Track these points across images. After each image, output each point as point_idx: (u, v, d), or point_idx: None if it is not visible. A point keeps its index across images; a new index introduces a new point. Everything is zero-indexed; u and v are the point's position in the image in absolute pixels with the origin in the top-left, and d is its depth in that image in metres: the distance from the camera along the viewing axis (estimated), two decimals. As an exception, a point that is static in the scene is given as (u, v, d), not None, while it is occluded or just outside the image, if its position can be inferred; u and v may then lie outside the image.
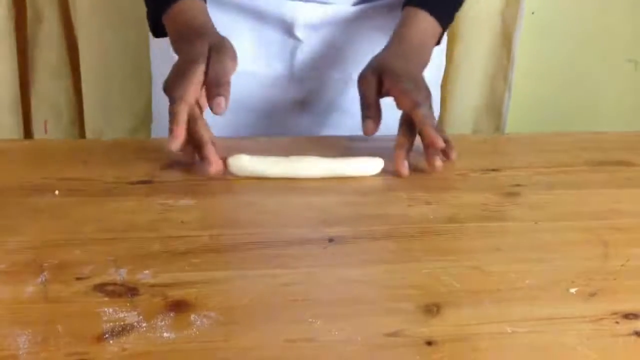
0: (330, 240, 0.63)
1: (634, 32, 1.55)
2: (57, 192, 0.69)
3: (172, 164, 0.76)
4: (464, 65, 1.45)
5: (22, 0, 1.36)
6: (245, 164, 0.73)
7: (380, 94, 0.79)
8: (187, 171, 0.75)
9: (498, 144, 0.93)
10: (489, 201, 0.72)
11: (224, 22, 0.91)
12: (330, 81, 0.95)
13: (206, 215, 0.67)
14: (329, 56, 0.94)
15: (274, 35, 0.92)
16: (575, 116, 1.57)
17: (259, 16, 0.91)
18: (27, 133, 1.44)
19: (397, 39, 0.85)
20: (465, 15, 1.41)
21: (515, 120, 1.52)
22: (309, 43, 0.92)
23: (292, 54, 0.93)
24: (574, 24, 1.53)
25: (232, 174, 0.74)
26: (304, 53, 0.93)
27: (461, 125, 1.48)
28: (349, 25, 0.93)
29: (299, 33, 0.91)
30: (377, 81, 0.79)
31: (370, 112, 0.78)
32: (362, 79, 0.81)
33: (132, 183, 0.72)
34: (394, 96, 0.78)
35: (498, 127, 1.51)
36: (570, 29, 1.53)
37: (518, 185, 0.75)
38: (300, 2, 0.90)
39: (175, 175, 0.74)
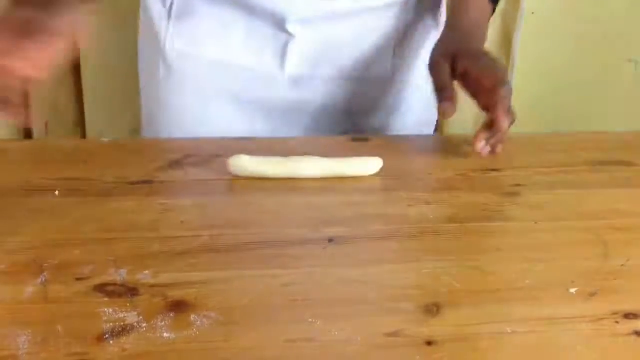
0: (330, 240, 0.63)
1: (634, 32, 1.55)
2: (57, 192, 0.69)
3: (172, 164, 0.76)
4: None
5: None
6: (245, 164, 0.73)
7: (454, 77, 0.80)
8: (187, 171, 0.75)
9: (498, 144, 0.93)
10: (489, 201, 0.72)
11: (215, 15, 0.90)
12: (325, 79, 0.94)
13: (206, 215, 0.67)
14: (324, 53, 0.93)
15: (266, 30, 0.91)
16: (575, 116, 1.57)
17: (250, 9, 0.90)
18: (28, 134, 1.44)
19: (455, 21, 0.87)
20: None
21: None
22: (302, 39, 0.91)
23: (284, 49, 0.91)
24: (574, 24, 1.53)
25: (232, 174, 0.74)
26: (296, 49, 0.91)
27: (461, 125, 1.48)
28: (345, 22, 0.92)
29: (290, 28, 0.90)
30: (450, 64, 0.80)
31: (448, 94, 0.79)
32: (434, 65, 0.81)
33: (132, 183, 0.72)
34: (472, 75, 0.78)
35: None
36: (570, 29, 1.53)
37: (518, 185, 0.75)
38: None
39: (175, 175, 0.74)
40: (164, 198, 0.69)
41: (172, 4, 0.92)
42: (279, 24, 0.90)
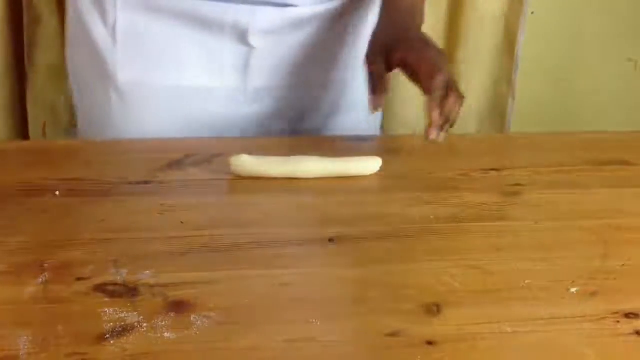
0: (330, 240, 0.63)
1: (634, 32, 1.55)
2: (57, 192, 0.69)
3: (172, 164, 0.76)
4: (467, 68, 1.45)
5: (19, 0, 1.36)
6: (245, 164, 0.73)
7: (390, 68, 0.79)
8: (187, 171, 0.75)
9: (498, 144, 0.93)
10: (489, 201, 0.72)
11: (167, 34, 0.85)
12: (286, 88, 0.91)
13: (206, 215, 0.67)
14: (285, 62, 0.90)
15: (225, 45, 0.86)
16: (575, 116, 1.57)
17: (207, 24, 0.85)
18: (25, 136, 1.44)
19: (389, 9, 0.85)
20: (469, 17, 1.40)
21: (515, 120, 1.52)
22: (264, 50, 0.87)
23: (246, 63, 0.88)
24: (574, 24, 1.53)
25: (232, 174, 0.74)
26: (258, 61, 0.88)
27: (464, 128, 1.48)
28: (305, 29, 0.89)
29: (252, 40, 0.86)
30: (385, 56, 0.79)
31: (381, 87, 0.77)
32: (369, 59, 0.80)
33: (132, 183, 0.72)
34: (409, 64, 0.77)
35: (501, 130, 1.51)
36: (570, 29, 1.53)
37: (518, 185, 0.75)
38: (254, 7, 0.85)
39: (175, 175, 0.74)
40: (164, 198, 0.69)
41: (115, 23, 0.85)
42: (240, 37, 0.86)
